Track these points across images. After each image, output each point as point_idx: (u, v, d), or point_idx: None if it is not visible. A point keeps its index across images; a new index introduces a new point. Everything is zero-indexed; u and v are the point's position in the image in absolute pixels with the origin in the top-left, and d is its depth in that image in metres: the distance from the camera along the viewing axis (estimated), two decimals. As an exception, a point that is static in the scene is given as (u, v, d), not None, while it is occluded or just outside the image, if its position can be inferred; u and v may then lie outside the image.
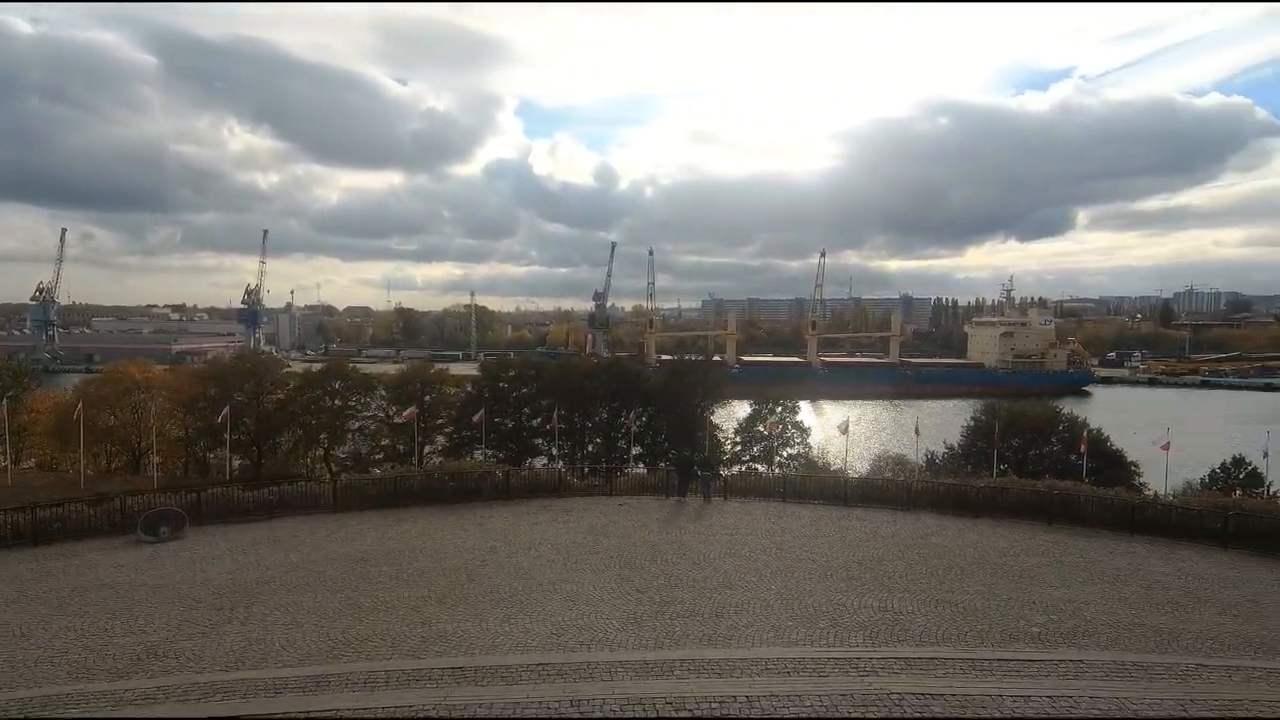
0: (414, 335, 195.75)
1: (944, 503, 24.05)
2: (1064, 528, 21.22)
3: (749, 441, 43.58)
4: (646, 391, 45.23)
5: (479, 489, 25.01)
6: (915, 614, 12.32)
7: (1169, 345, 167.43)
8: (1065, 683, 8.18)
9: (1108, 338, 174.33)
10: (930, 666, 8.82)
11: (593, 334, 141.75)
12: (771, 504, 24.83)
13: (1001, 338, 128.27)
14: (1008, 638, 11.13)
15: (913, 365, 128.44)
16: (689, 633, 11.04)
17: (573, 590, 13.69)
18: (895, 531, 20.26)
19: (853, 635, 11.00)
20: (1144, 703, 7.16)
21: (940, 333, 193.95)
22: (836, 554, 17.22)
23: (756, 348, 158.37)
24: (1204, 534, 20.12)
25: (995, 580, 15.16)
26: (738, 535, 19.32)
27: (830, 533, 19.91)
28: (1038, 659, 9.53)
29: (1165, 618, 12.80)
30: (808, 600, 13.06)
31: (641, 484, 28.77)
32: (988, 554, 17.80)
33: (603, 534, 19.24)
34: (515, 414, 44.71)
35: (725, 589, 13.85)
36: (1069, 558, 17.65)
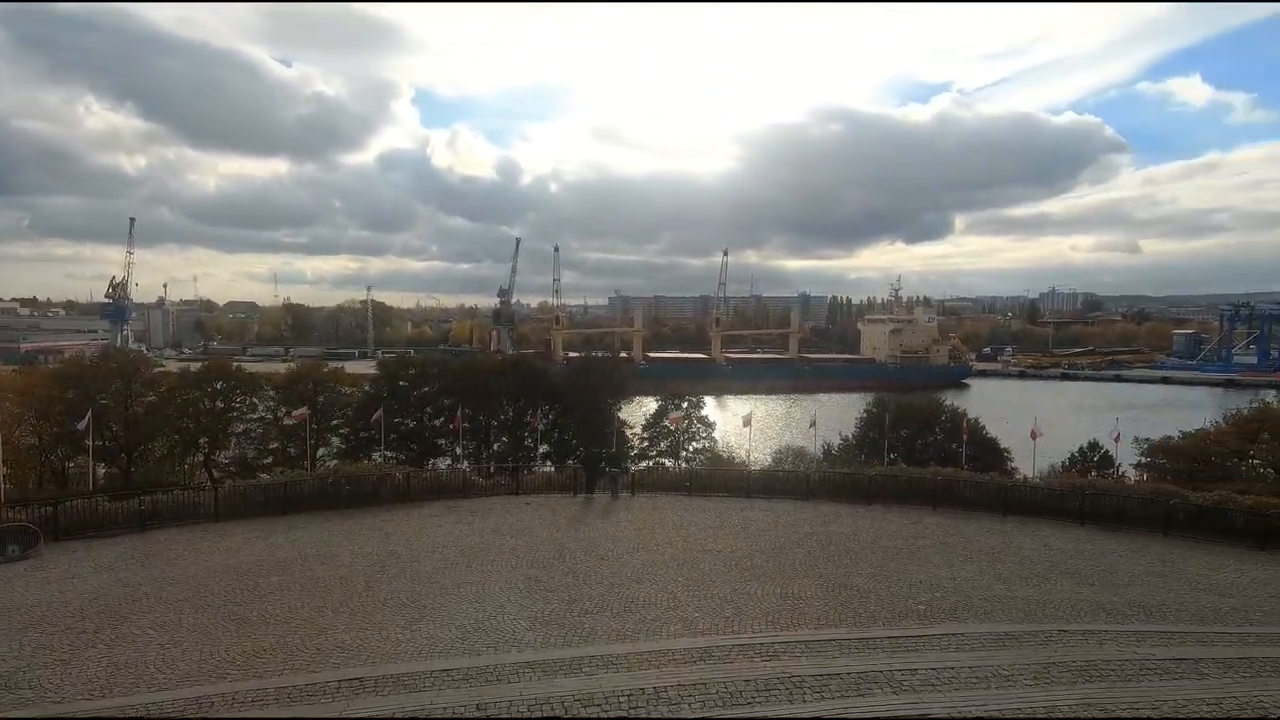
0: (305, 332, 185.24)
1: (840, 491, 25.27)
2: (947, 511, 22.78)
3: (656, 437, 44.07)
4: (553, 389, 44.84)
5: (378, 492, 23.99)
6: (814, 598, 12.86)
7: (1035, 341, 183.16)
8: (947, 655, 8.78)
9: (983, 334, 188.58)
10: (828, 648, 9.22)
11: (498, 331, 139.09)
12: (678, 498, 25.25)
13: (891, 334, 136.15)
14: (897, 616, 11.82)
15: (811, 361, 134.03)
16: (598, 629, 11.04)
17: (479, 592, 13.38)
18: (795, 520, 21.08)
19: (756, 622, 11.34)
20: (1014, 667, 7.79)
21: (836, 329, 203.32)
22: (740, 544, 17.72)
23: (663, 344, 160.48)
24: (1064, 512, 22.15)
25: (886, 562, 16.06)
26: (645, 530, 19.51)
27: (734, 524, 20.46)
28: (924, 634, 10.17)
29: (1032, 590, 13.98)
30: (713, 590, 13.36)
31: (549, 482, 28.53)
32: (880, 538, 18.83)
33: (509, 534, 18.92)
34: (417, 414, 43.20)
35: (633, 583, 13.95)
36: (951, 539, 18.96)
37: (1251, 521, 19.68)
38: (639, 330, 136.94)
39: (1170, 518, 20.56)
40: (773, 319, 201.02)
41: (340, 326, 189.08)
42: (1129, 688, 6.95)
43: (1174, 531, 20.21)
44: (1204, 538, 19.76)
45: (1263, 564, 17.39)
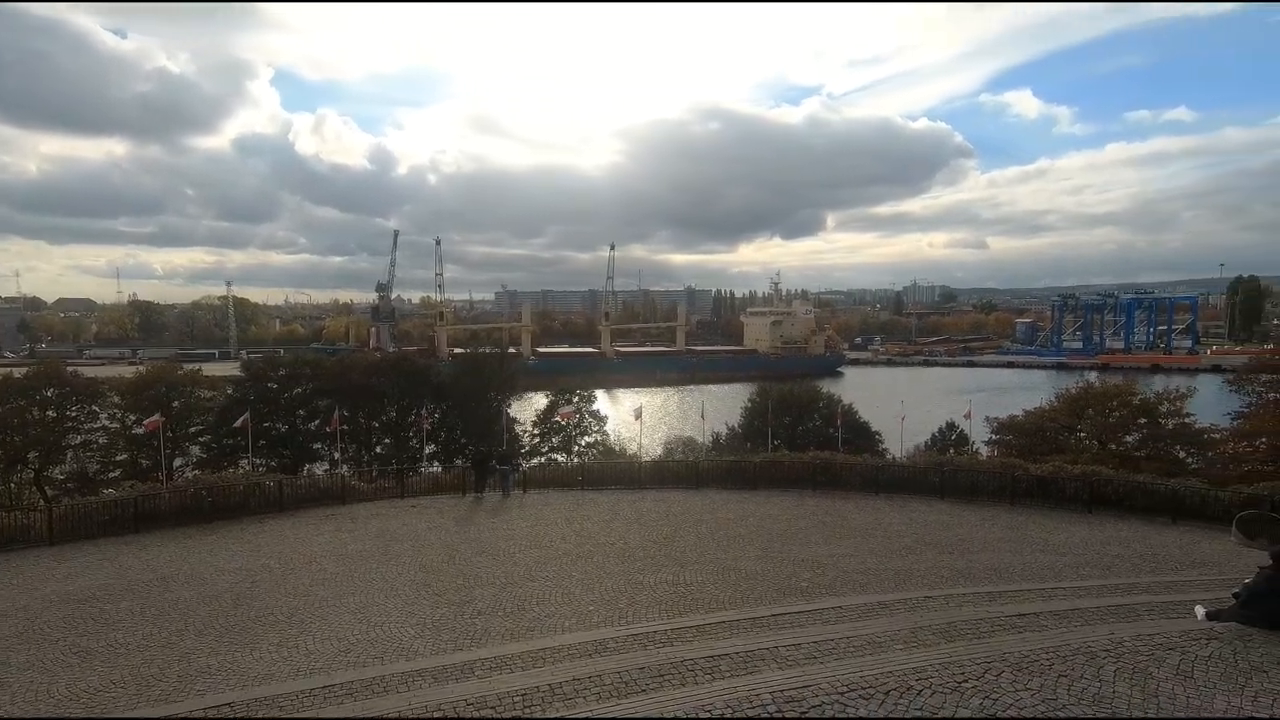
0: (156, 332, 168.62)
1: (728, 478, 26.16)
2: (825, 492, 24.14)
3: (548, 433, 43.75)
4: (439, 387, 43.43)
5: (246, 503, 22.26)
6: (705, 583, 13.24)
7: (901, 331, 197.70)
8: (828, 627, 9.29)
9: (855, 325, 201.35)
10: (718, 630, 9.51)
11: (377, 327, 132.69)
12: (571, 493, 25.19)
13: (772, 326, 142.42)
14: (782, 594, 12.39)
15: (698, 353, 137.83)
16: (491, 630, 10.82)
17: (362, 602, 12.73)
18: (686, 509, 21.60)
19: (650, 611, 11.52)
20: (886, 633, 8.37)
21: (721, 322, 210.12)
22: (633, 535, 17.93)
23: (552, 339, 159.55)
24: (927, 488, 24.10)
25: (771, 544, 16.80)
26: (538, 527, 19.32)
27: (627, 515, 20.67)
28: (807, 609, 10.71)
29: (901, 561, 15.10)
30: (607, 583, 13.44)
31: (437, 483, 27.62)
32: (765, 521, 19.67)
33: (394, 539, 18.14)
34: (288, 417, 40.49)
35: (527, 581, 13.78)
36: (829, 518, 20.11)
37: (1080, 488, 22.25)
38: (528, 325, 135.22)
39: (1015, 488, 22.86)
40: (660, 313, 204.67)
41: (197, 325, 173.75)
42: (982, 644, 7.66)
43: (1019, 500, 22.48)
44: (1043, 504, 22.12)
45: (1090, 525, 19.71)
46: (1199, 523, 19.89)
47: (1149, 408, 34.71)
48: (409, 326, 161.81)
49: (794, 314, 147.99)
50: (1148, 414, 34.51)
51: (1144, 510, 21.15)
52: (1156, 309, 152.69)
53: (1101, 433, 34.12)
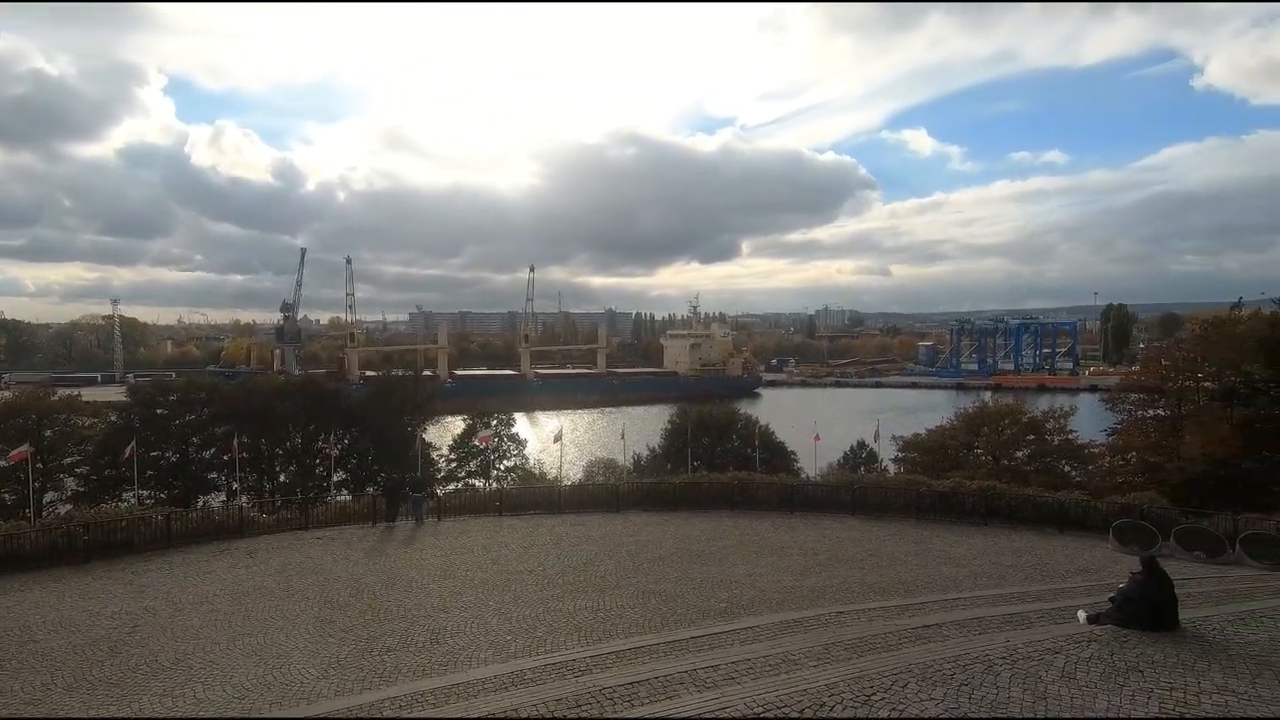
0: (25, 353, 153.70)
1: (648, 500, 26.17)
2: (743, 512, 24.53)
3: (465, 457, 42.60)
4: (349, 411, 41.60)
5: (129, 540, 20.44)
6: (625, 608, 13.13)
7: (814, 353, 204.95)
8: (745, 647, 9.39)
9: (771, 348, 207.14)
10: (637, 656, 9.43)
11: (281, 349, 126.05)
12: (488, 519, 24.55)
13: (691, 348, 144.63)
14: (701, 616, 12.44)
15: (619, 375, 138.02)
16: (401, 666, 10.32)
17: (258, 643, 11.88)
18: (606, 533, 21.43)
19: (569, 638, 11.31)
20: (801, 650, 8.53)
21: (641, 344, 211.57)
22: (552, 561, 17.62)
23: (470, 361, 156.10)
24: (839, 505, 24.89)
25: (691, 565, 16.88)
26: (453, 555, 18.68)
27: (546, 541, 20.31)
28: (725, 630, 10.79)
29: (815, 578, 15.48)
30: (525, 611, 13.12)
31: (345, 512, 26.26)
32: (685, 543, 19.76)
33: (296, 574, 17.09)
34: (180, 445, 37.72)
35: (440, 613, 13.27)
36: (747, 537, 20.42)
37: (977, 502, 23.56)
38: (444, 347, 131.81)
39: (920, 504, 23.96)
40: (581, 335, 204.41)
41: (76, 347, 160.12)
42: (891, 657, 7.93)
43: (924, 515, 23.55)
44: (945, 518, 23.27)
45: (987, 536, 20.87)
46: (1082, 532, 21.43)
47: (1037, 425, 37.31)
48: (317, 348, 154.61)
49: (712, 337, 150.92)
50: (1036, 431, 37.08)
51: (1034, 521, 22.59)
52: (1041, 333, 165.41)
53: (996, 449, 36.36)
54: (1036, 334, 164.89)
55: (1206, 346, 36.51)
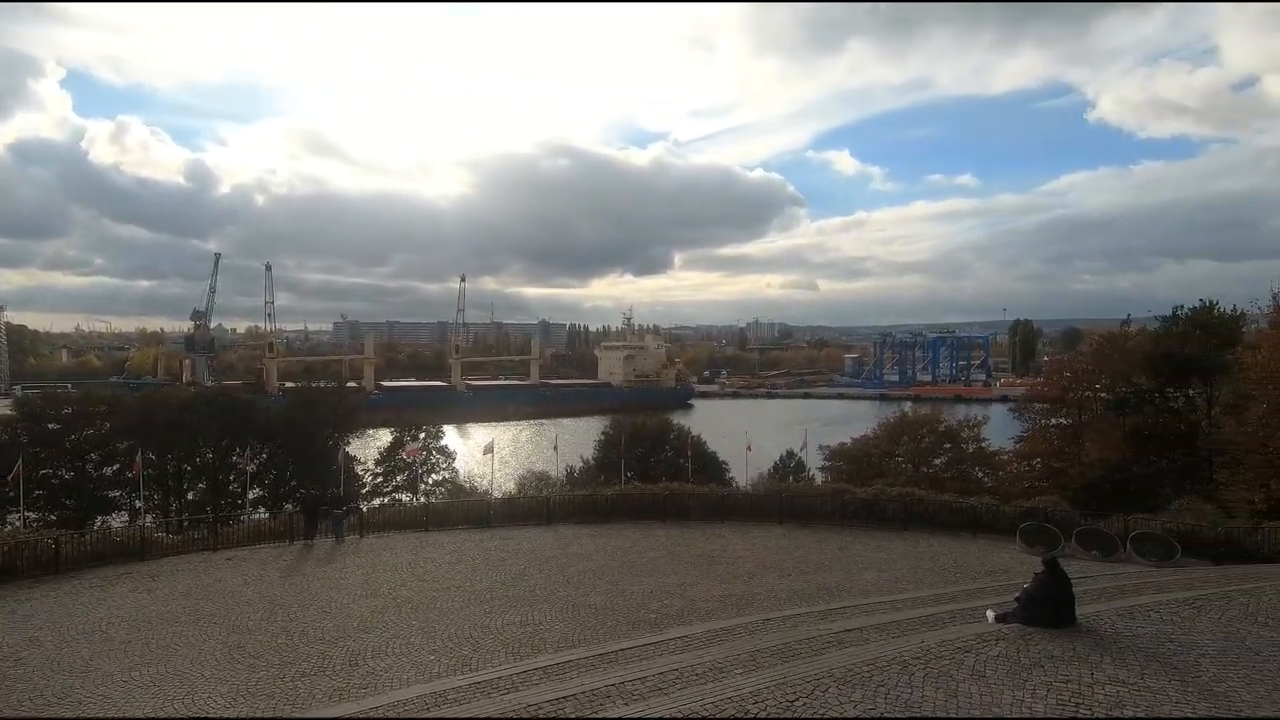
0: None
1: (580, 512, 25.98)
2: (675, 523, 24.65)
3: (391, 471, 41.23)
4: (266, 424, 39.66)
5: (11, 566, 18.79)
6: (554, 622, 12.97)
7: (745, 365, 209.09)
8: (674, 657, 9.41)
9: (703, 359, 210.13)
10: (566, 670, 9.32)
11: (192, 359, 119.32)
12: (414, 535, 23.82)
13: (625, 360, 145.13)
14: (632, 627, 12.42)
15: (552, 386, 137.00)
16: (316, 692, 9.86)
17: (158, 674, 11.11)
18: (536, 546, 21.14)
19: (496, 655, 11.08)
20: (727, 659, 8.62)
21: (575, 355, 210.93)
22: (480, 577, 17.24)
23: (398, 372, 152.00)
24: (768, 514, 25.36)
25: (622, 577, 16.83)
26: (376, 573, 18.02)
27: (474, 556, 19.87)
28: (655, 641, 10.80)
29: (744, 586, 15.71)
30: (451, 629, 12.77)
31: (260, 531, 24.97)
32: (616, 554, 19.70)
33: (203, 597, 16.10)
34: (75, 462, 35.06)
35: (361, 633, 12.76)
36: (678, 548, 20.54)
37: (898, 508, 24.46)
38: (370, 358, 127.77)
39: (845, 511, 24.69)
40: (514, 346, 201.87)
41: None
42: (814, 662, 8.11)
43: (848, 522, 24.27)
44: (868, 524, 24.05)
45: (906, 541, 21.69)
46: (993, 534, 22.55)
47: (953, 434, 39.09)
48: (232, 358, 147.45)
49: (646, 348, 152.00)
50: (952, 440, 38.84)
51: (950, 526, 23.63)
52: (957, 347, 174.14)
53: (915, 457, 37.86)
54: (953, 347, 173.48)
55: (1101, 360, 39.19)
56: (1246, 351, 29.88)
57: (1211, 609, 9.67)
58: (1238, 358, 30.00)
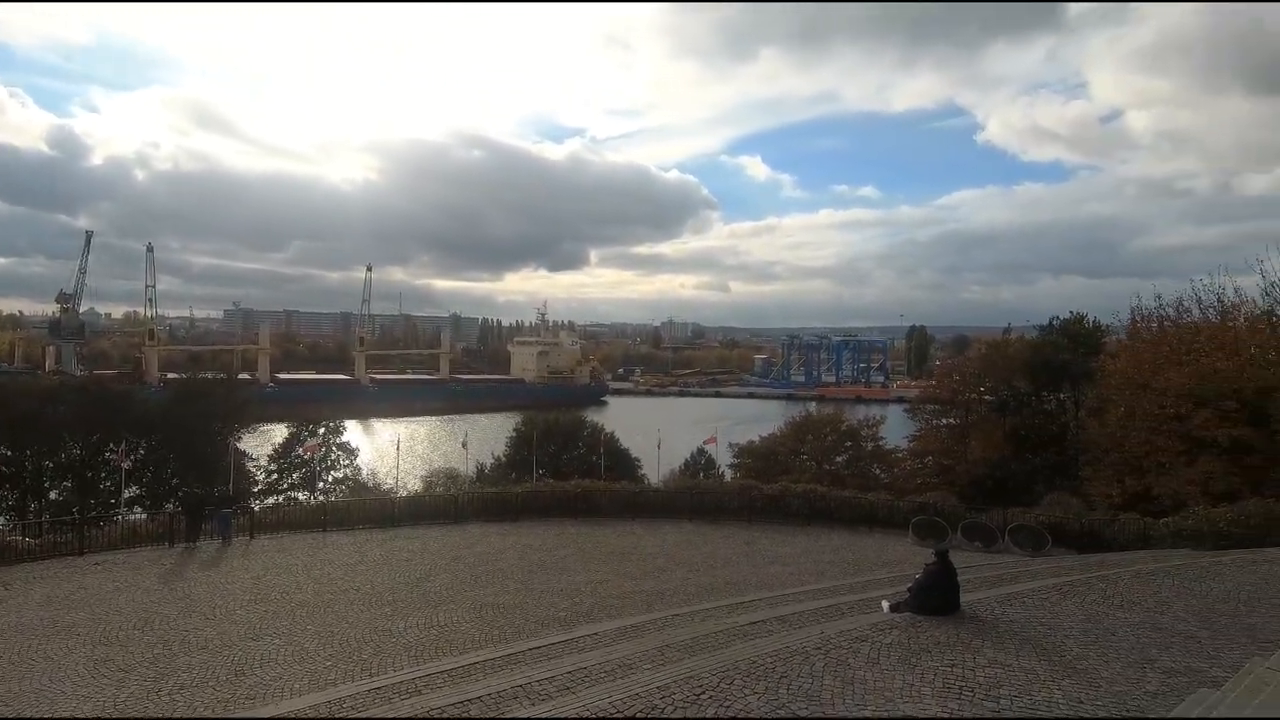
0: None
1: (490, 510, 25.48)
2: (586, 520, 24.62)
3: (287, 469, 39.00)
4: (145, 418, 36.62)
5: None
6: (460, 623, 12.65)
7: (659, 363, 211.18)
8: (583, 655, 9.37)
9: (618, 357, 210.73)
10: (471, 672, 9.09)
11: (57, 346, 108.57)
12: (312, 535, 22.64)
13: (539, 356, 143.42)
14: (540, 626, 12.28)
15: (463, 381, 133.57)
16: (196, 705, 9.20)
17: (10, 692, 10.05)
18: (443, 546, 20.57)
19: (398, 659, 10.69)
20: (636, 655, 8.66)
21: (487, 350, 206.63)
22: (382, 578, 16.59)
23: (297, 364, 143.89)
24: (679, 511, 25.74)
25: (532, 576, 16.63)
26: (267, 576, 17.00)
27: (376, 557, 19.10)
28: (564, 639, 10.72)
29: (654, 582, 15.87)
30: (350, 633, 12.22)
31: (135, 533, 22.99)
32: (526, 553, 19.45)
33: (66, 606, 14.68)
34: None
35: (249, 641, 12.00)
36: (588, 545, 20.51)
37: (802, 504, 25.40)
38: (265, 348, 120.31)
39: (752, 507, 25.40)
40: (423, 339, 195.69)
41: None
42: (720, 655, 8.27)
43: (755, 517, 24.98)
44: (774, 520, 24.84)
45: (809, 536, 22.56)
46: (889, 528, 23.80)
47: (854, 433, 41.00)
48: (106, 345, 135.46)
49: (560, 344, 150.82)
50: (853, 438, 40.71)
51: (850, 521, 24.75)
52: (859, 350, 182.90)
53: (819, 455, 39.44)
54: (855, 350, 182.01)
55: (986, 365, 42.12)
56: (1108, 360, 32.89)
57: (1075, 594, 10.56)
58: (1100, 365, 32.96)
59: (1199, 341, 28.17)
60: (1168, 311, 32.38)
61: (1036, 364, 38.07)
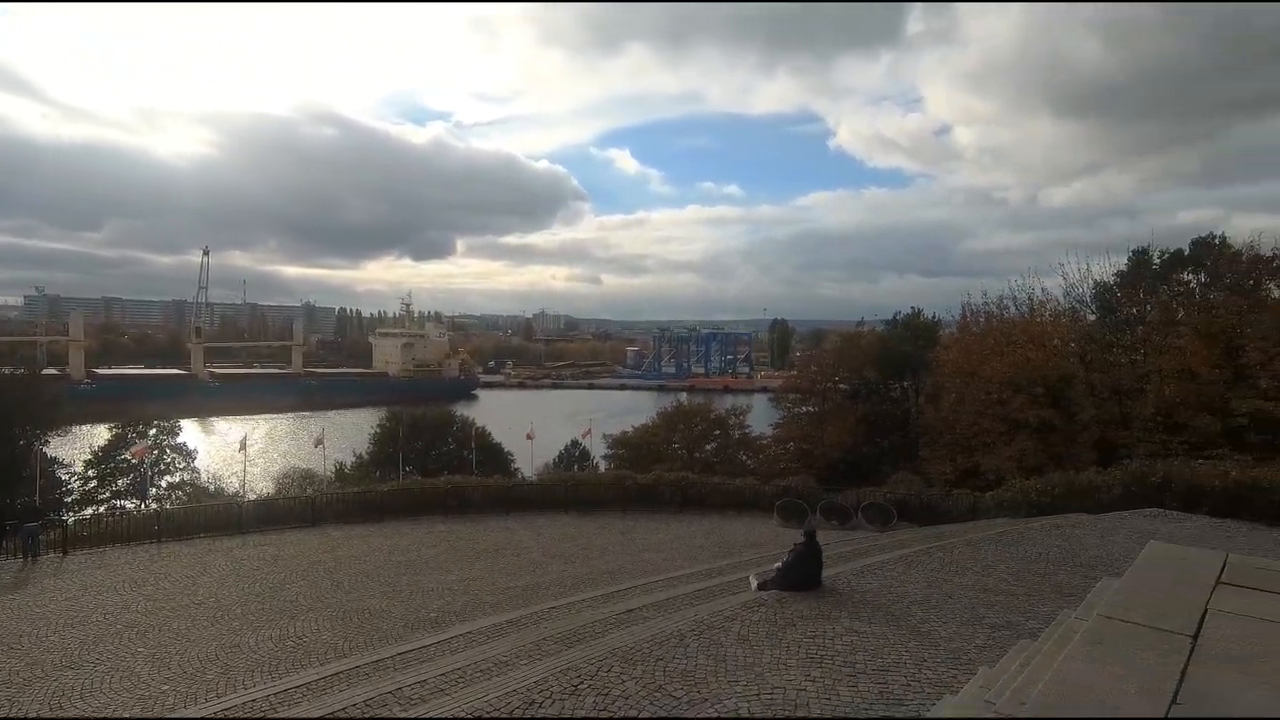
0: None
1: (352, 511, 24.07)
2: (458, 516, 23.89)
3: (110, 474, 34.68)
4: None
5: None
6: (321, 632, 11.85)
7: (531, 356, 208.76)
8: (457, 656, 9.08)
9: (489, 349, 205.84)
10: (334, 684, 8.55)
11: None
12: (143, 547, 20.32)
13: (403, 348, 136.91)
14: (410, 629, 11.76)
15: (319, 375, 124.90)
16: (-3, 750, 7.97)
17: None
18: (299, 551, 19.18)
19: (250, 677, 9.84)
20: (513, 651, 8.53)
21: (346, 343, 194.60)
22: (229, 590, 15.20)
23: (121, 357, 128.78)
24: (554, 503, 25.63)
25: (399, 577, 15.89)
26: (85, 597, 15.05)
27: (221, 567, 17.47)
28: (436, 641, 10.34)
29: (530, 576, 15.68)
30: (192, 652, 11.09)
31: (-90, 557, 19.59)
32: (393, 554, 18.55)
33: None
34: None
35: (66, 670, 10.58)
36: (461, 542, 19.91)
37: (674, 491, 26.10)
38: (78, 339, 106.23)
39: (627, 496, 25.77)
40: (273, 330, 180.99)
41: None
42: (597, 644, 8.33)
43: (630, 507, 25.36)
44: (648, 508, 25.34)
45: (682, 522, 23.22)
46: (756, 512, 25.02)
47: (722, 422, 42.67)
48: None
49: (427, 336, 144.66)
50: (721, 427, 42.37)
51: (719, 506, 25.76)
52: (726, 342, 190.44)
53: (690, 444, 40.71)
54: (723, 342, 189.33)
55: (841, 357, 45.31)
56: (942, 351, 36.50)
57: (918, 563, 11.62)
58: (936, 357, 36.49)
59: (1015, 335, 31.91)
60: (991, 308, 36.43)
61: (884, 356, 41.51)
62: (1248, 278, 29.00)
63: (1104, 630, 4.06)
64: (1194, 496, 16.82)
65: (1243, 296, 27.74)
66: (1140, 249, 33.98)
